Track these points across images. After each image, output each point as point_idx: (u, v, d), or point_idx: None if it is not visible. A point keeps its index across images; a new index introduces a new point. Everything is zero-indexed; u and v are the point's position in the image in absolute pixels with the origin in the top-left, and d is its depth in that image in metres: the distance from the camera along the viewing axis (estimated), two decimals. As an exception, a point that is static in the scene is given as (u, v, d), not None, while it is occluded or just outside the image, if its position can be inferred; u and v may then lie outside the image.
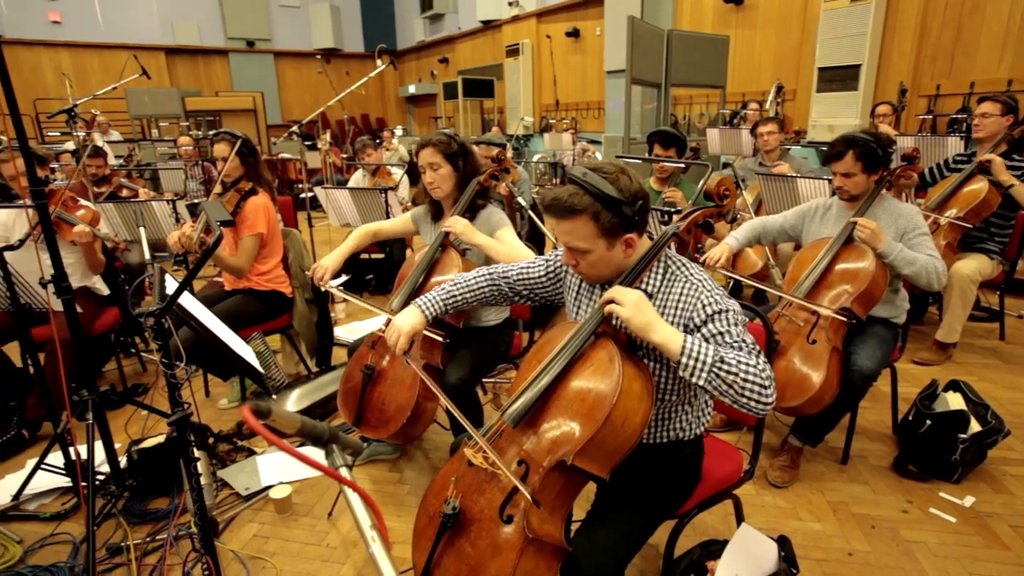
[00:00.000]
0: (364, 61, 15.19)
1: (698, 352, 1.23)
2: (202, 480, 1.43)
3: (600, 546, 1.32)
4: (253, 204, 2.69)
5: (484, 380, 2.92)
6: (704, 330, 1.29)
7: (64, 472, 2.24)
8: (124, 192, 4.21)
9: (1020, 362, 3.14)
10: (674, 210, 2.06)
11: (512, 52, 10.75)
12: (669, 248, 1.42)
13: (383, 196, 3.22)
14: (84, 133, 5.90)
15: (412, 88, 14.15)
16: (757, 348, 1.27)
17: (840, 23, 5.70)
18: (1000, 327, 3.45)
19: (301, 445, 2.51)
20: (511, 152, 6.82)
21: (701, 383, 1.23)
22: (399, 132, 11.38)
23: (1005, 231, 3.09)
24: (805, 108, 6.41)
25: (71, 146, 6.37)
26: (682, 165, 2.71)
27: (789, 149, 4.15)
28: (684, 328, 1.33)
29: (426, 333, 1.90)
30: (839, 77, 5.80)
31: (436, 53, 13.62)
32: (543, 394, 1.33)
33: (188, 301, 1.64)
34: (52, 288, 1.81)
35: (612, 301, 1.30)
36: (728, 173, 3.43)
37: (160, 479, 2.23)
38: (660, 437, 1.47)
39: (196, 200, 5.27)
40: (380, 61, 3.63)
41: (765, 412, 1.25)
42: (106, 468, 2.19)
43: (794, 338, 2.15)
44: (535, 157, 8.93)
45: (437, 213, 2.32)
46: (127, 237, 3.48)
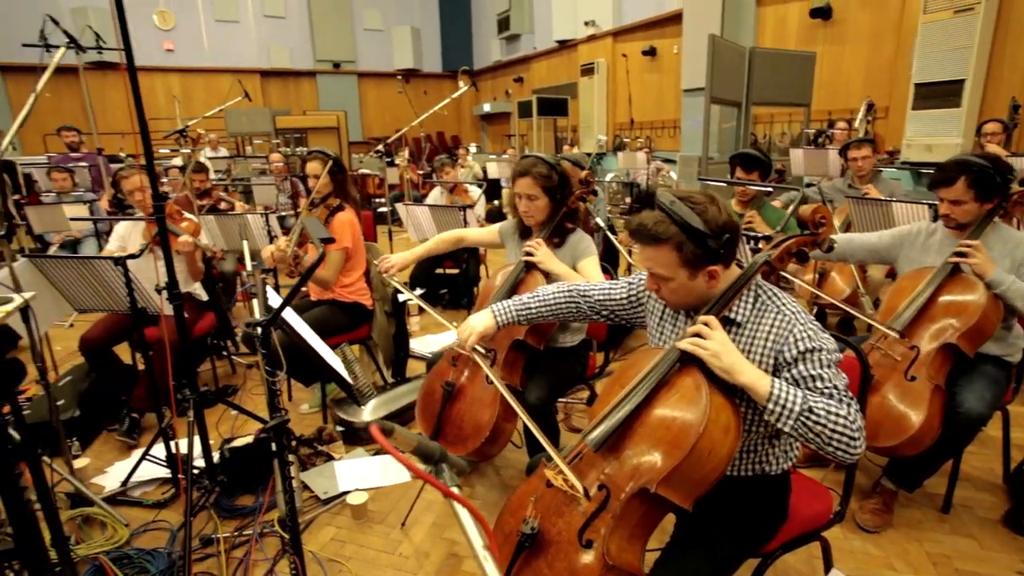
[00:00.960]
0: (441, 80, 15.69)
1: (786, 399, 1.20)
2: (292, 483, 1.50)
3: (681, 579, 1.29)
4: (340, 220, 2.83)
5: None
6: (795, 370, 1.26)
7: (165, 464, 2.41)
8: (222, 205, 4.53)
9: None
10: (763, 236, 1.99)
11: (587, 71, 10.80)
12: (758, 276, 1.39)
13: (462, 213, 3.31)
14: (189, 150, 6.39)
15: (487, 107, 14.46)
16: (849, 395, 1.23)
17: (941, 36, 5.37)
18: None
19: (376, 454, 2.59)
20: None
21: (787, 429, 1.21)
22: (473, 149, 11.65)
23: None
24: (899, 126, 6.06)
25: (178, 162, 6.93)
26: (769, 189, 2.62)
27: (880, 171, 3.94)
28: (774, 361, 1.29)
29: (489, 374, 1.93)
30: (939, 93, 5.45)
31: (511, 72, 13.88)
32: (626, 420, 1.32)
33: (286, 311, 1.74)
34: (165, 294, 1.97)
35: (696, 335, 1.29)
36: (814, 194, 3.29)
37: (247, 477, 2.36)
38: (745, 470, 1.42)
39: (284, 213, 5.59)
40: (462, 82, 3.74)
41: (852, 461, 1.22)
42: (201, 463, 2.34)
43: (890, 373, 2.02)
44: (608, 176, 8.89)
45: (525, 231, 2.34)
46: (224, 247, 3.74)
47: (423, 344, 3.88)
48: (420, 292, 4.50)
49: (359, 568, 2.01)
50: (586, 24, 10.75)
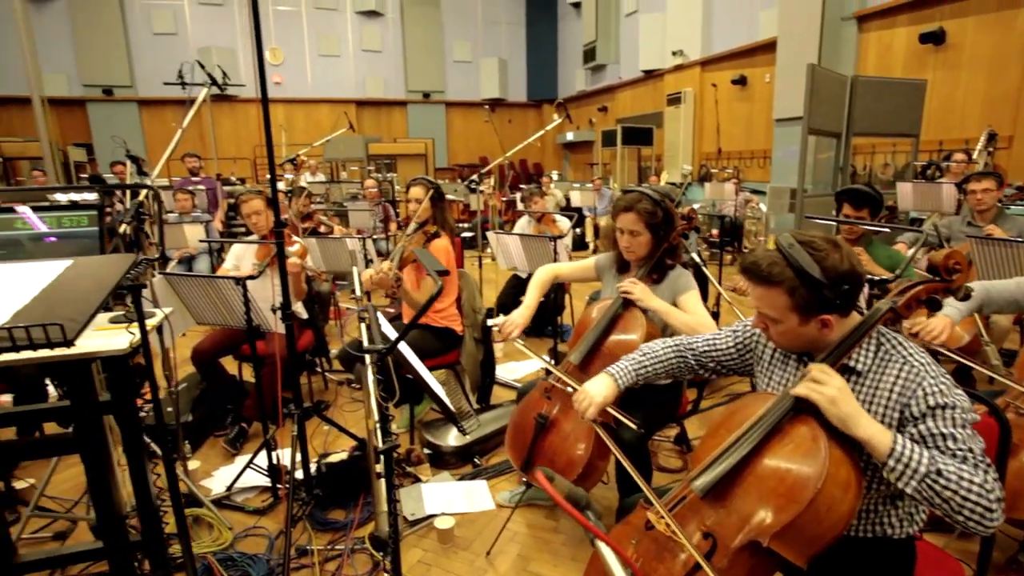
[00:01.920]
0: (526, 109, 16.03)
1: (909, 457, 1.12)
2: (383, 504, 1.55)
3: (793, 644, 1.21)
4: (436, 245, 2.94)
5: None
6: (922, 426, 1.16)
7: (267, 473, 2.54)
8: (322, 228, 4.81)
9: None
10: (880, 280, 1.88)
11: (673, 100, 10.70)
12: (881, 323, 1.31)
13: (552, 244, 3.34)
14: (291, 176, 6.87)
15: (570, 135, 14.60)
16: (986, 461, 1.12)
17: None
18: None
19: (462, 479, 2.62)
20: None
21: (909, 491, 1.12)
22: (555, 177, 11.77)
23: None
24: (1024, 159, 5.58)
25: (282, 186, 7.42)
26: (885, 230, 2.48)
27: (1006, 207, 3.62)
28: (899, 415, 1.21)
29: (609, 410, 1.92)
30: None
31: (596, 102, 13.97)
32: (735, 467, 1.27)
33: (390, 333, 1.81)
34: (279, 314, 2.11)
35: (812, 381, 1.23)
36: (929, 232, 3.07)
37: (340, 492, 2.45)
38: (864, 530, 1.32)
39: (376, 237, 5.86)
40: (556, 115, 3.82)
41: (986, 533, 1.11)
42: (300, 475, 2.46)
43: (1028, 434, 1.83)
44: (694, 206, 8.69)
45: (623, 266, 2.32)
46: (324, 269, 3.96)
47: (507, 371, 3.91)
48: (502, 319, 4.55)
49: (445, 593, 2.02)
50: (674, 54, 10.69)
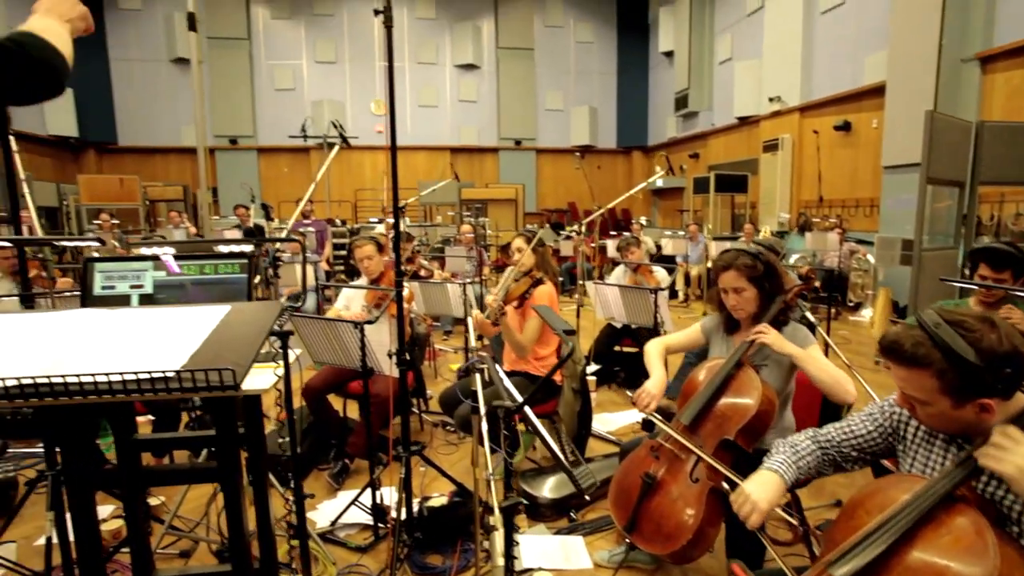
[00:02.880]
0: (615, 156, 16.16)
1: None
2: (499, 559, 1.55)
3: None
4: (540, 292, 2.99)
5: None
6: None
7: (370, 512, 2.62)
8: (423, 272, 5.02)
9: None
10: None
11: (770, 147, 10.43)
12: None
13: (653, 297, 3.30)
14: (389, 220, 7.26)
15: (659, 182, 14.49)
16: None
17: None
18: None
19: (558, 533, 2.57)
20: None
21: None
22: (643, 222, 11.68)
23: None
24: None
25: (381, 229, 7.85)
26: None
27: None
28: None
29: (710, 461, 1.85)
30: None
31: (687, 148, 13.86)
32: (880, 557, 1.18)
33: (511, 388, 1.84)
34: (395, 358, 2.21)
35: (996, 447, 1.11)
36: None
37: (440, 537, 2.48)
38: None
39: (469, 280, 6.02)
40: (659, 167, 3.83)
41: None
42: (402, 515, 2.51)
43: None
44: (793, 257, 8.33)
45: (731, 325, 2.27)
46: (425, 312, 4.12)
47: (601, 422, 3.85)
48: (596, 368, 4.51)
49: (544, 654, 1.97)
50: (771, 100, 10.47)
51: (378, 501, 2.59)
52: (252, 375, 1.66)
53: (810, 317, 2.59)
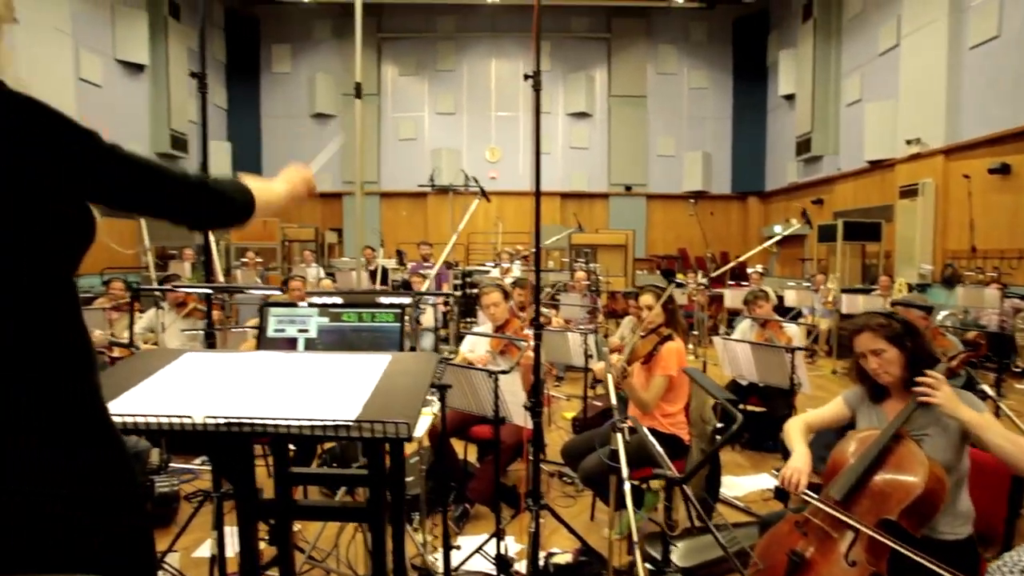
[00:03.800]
0: (729, 201, 15.66)
1: None
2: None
3: None
4: (669, 348, 2.91)
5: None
6: None
7: (494, 561, 2.61)
8: (540, 319, 5.06)
9: None
10: None
11: (908, 192, 9.61)
12: None
13: (789, 356, 3.10)
14: (507, 264, 7.46)
15: (777, 228, 13.81)
16: None
17: None
18: None
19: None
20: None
21: None
22: (760, 271, 11.10)
23: None
24: None
25: (496, 273, 8.06)
26: None
27: None
28: None
29: (878, 537, 1.68)
30: None
31: (809, 194, 13.13)
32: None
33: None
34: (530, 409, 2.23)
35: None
36: None
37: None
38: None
39: (583, 327, 6.00)
40: (795, 220, 3.65)
41: None
42: (521, 566, 2.48)
43: None
44: (941, 314, 7.51)
45: (877, 393, 2.07)
46: (544, 359, 4.14)
47: (727, 486, 3.62)
48: (719, 426, 4.27)
49: None
50: (908, 143, 9.71)
51: (502, 551, 2.58)
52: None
53: (986, 389, 2.31)
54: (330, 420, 1.27)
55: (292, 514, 1.96)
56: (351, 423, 1.26)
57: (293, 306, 2.05)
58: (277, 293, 2.82)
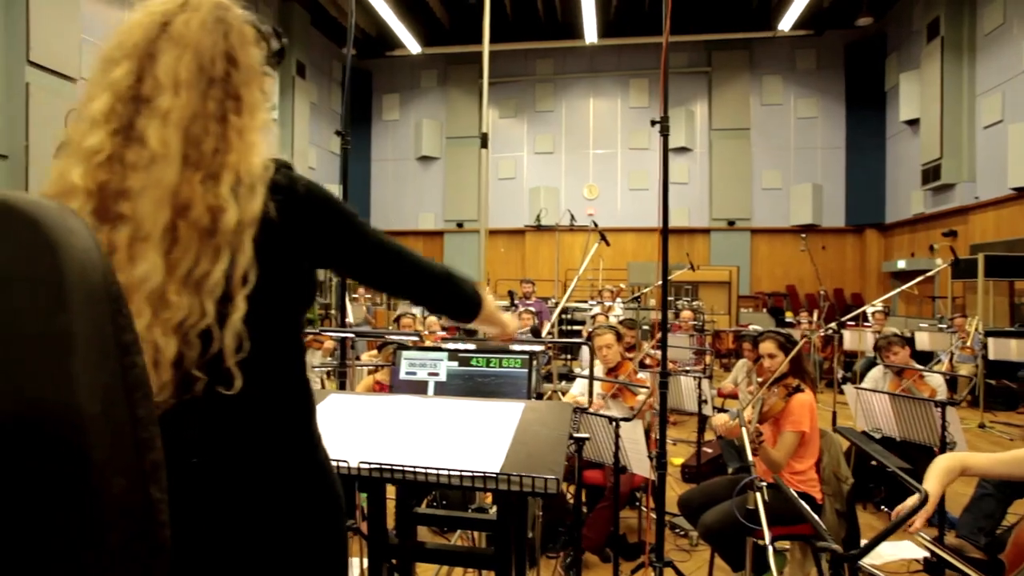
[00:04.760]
0: (842, 235, 14.66)
1: None
2: None
3: None
4: (799, 401, 2.73)
5: None
6: None
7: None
8: (647, 360, 4.95)
9: None
10: None
11: (1065, 223, 8.55)
12: None
13: (939, 411, 2.80)
14: (609, 303, 7.38)
15: (901, 263, 12.71)
16: None
17: None
18: None
19: None
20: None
21: None
22: (882, 309, 10.21)
23: None
24: None
25: (596, 310, 8.00)
26: None
27: None
28: None
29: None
30: None
31: (939, 226, 12.00)
32: None
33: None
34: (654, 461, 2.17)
35: None
36: None
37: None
38: None
39: (688, 369, 5.78)
40: (939, 259, 3.34)
41: None
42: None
43: None
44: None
45: None
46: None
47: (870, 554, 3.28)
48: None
49: None
50: (1062, 168, 8.68)
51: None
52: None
53: None
54: (479, 472, 1.30)
55: (418, 556, 2.02)
56: (500, 475, 1.29)
57: (426, 349, 2.14)
58: (415, 338, 2.97)
